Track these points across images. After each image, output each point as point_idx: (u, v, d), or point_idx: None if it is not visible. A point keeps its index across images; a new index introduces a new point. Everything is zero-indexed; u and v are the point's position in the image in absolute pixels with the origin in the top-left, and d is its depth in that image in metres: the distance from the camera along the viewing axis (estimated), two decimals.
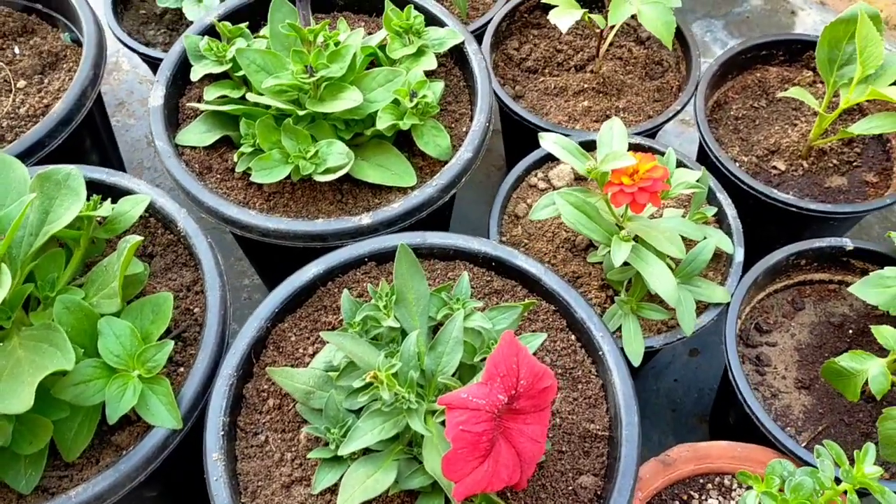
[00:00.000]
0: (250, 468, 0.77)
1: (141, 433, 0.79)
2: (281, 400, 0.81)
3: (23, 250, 0.77)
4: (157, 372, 0.77)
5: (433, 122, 0.96)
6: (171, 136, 0.97)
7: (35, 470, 0.76)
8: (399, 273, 0.78)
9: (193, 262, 0.90)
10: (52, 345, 0.72)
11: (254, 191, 0.96)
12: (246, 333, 0.82)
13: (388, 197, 0.95)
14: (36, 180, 0.78)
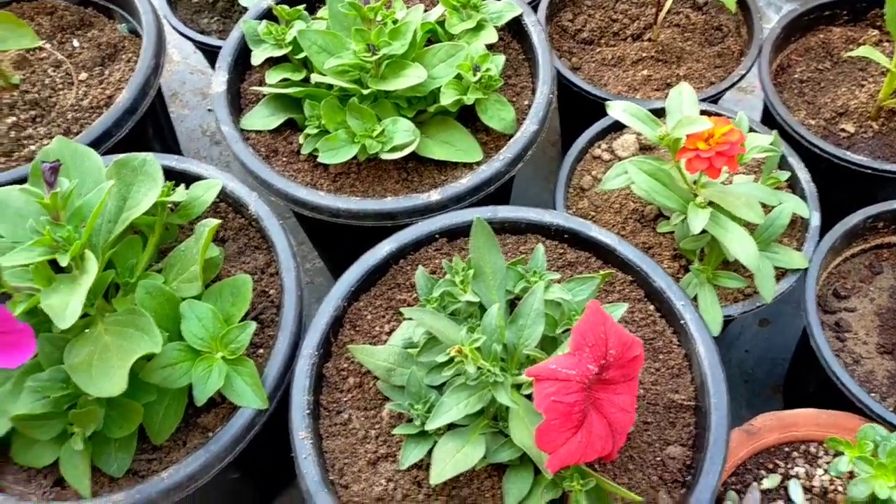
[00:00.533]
0: (335, 446, 0.77)
1: (226, 414, 0.79)
2: (361, 378, 0.81)
3: (102, 237, 0.78)
4: (240, 353, 0.78)
5: (496, 96, 0.95)
6: (235, 120, 0.97)
7: (125, 453, 0.77)
8: (475, 247, 0.77)
9: (266, 245, 0.90)
10: (138, 329, 0.73)
11: (320, 172, 0.96)
12: (324, 312, 0.82)
13: (455, 173, 0.94)
14: (113, 167, 0.79)
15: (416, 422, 0.75)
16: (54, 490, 0.78)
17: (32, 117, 1.05)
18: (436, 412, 0.71)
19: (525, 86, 1.02)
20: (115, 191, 0.78)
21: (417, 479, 0.75)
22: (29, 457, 0.77)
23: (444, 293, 0.78)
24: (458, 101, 0.92)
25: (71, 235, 0.72)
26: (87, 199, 0.75)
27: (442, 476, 0.67)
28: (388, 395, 0.80)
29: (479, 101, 0.93)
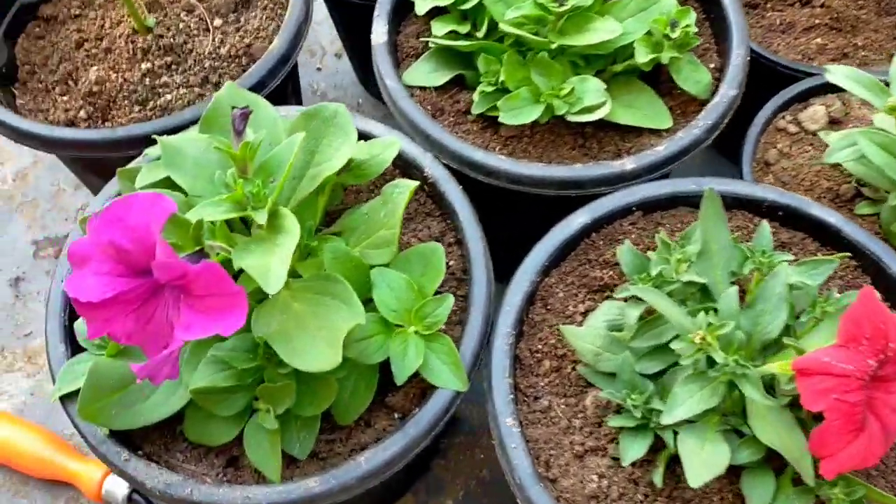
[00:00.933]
0: (538, 435, 0.70)
1: (417, 395, 0.72)
2: (559, 362, 0.74)
3: (284, 195, 0.71)
4: (436, 329, 0.71)
5: (689, 57, 0.87)
6: (398, 75, 0.89)
7: (309, 433, 0.70)
8: (704, 221, 0.70)
9: (440, 212, 0.83)
10: (334, 297, 0.66)
11: (490, 135, 0.88)
12: (518, 288, 0.75)
13: (640, 140, 0.86)
14: (301, 118, 0.71)
15: (636, 413, 0.68)
16: (228, 470, 0.71)
17: (167, 64, 0.97)
18: (670, 405, 0.64)
19: (707, 47, 0.93)
20: (301, 144, 0.70)
21: (633, 476, 0.69)
22: (204, 433, 0.70)
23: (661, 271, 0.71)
24: (653, 61, 0.84)
25: (260, 191, 0.64)
26: (276, 152, 0.67)
27: (700, 479, 0.60)
28: (592, 381, 0.73)
29: (673, 60, 0.85)
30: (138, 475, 0.68)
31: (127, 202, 0.55)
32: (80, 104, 0.96)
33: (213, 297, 0.55)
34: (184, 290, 0.56)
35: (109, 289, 0.56)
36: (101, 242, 0.56)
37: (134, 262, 0.56)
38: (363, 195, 0.85)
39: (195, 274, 0.53)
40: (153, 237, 0.54)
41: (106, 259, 0.56)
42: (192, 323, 0.55)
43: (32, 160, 1.40)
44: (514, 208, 0.85)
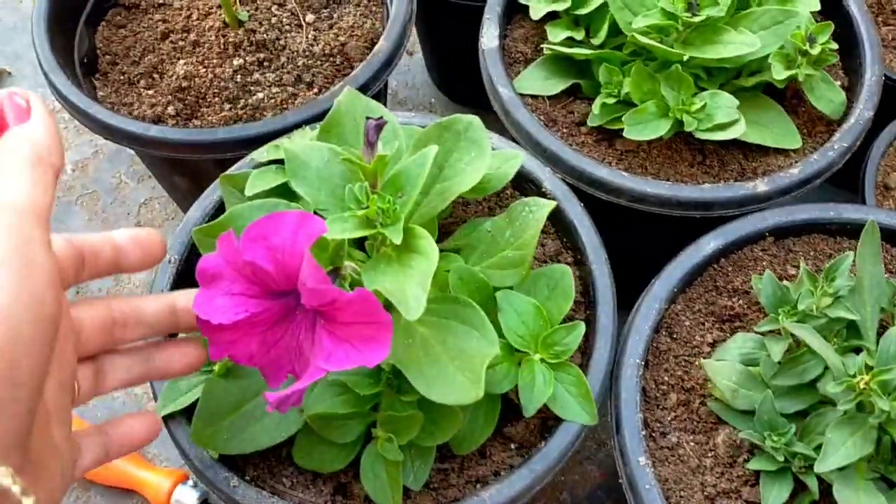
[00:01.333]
0: (667, 474, 0.66)
1: (538, 427, 0.68)
2: (687, 395, 0.70)
3: (409, 213, 0.67)
4: (565, 358, 0.66)
5: (823, 74, 0.82)
6: (511, 83, 0.85)
7: (424, 463, 0.66)
8: (861, 255, 0.65)
9: (556, 230, 0.78)
10: (464, 323, 0.62)
11: (605, 148, 0.83)
12: (647, 315, 0.71)
13: (766, 161, 0.82)
14: (433, 129, 0.67)
15: (778, 456, 0.64)
16: (336, 498, 0.67)
17: (259, 60, 0.93)
18: (825, 452, 0.60)
19: (833, 64, 0.89)
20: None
21: None
22: (315, 460, 0.66)
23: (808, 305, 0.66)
24: (789, 78, 0.79)
25: (391, 208, 0.60)
26: (406, 166, 0.63)
27: None
28: (724, 418, 0.69)
29: (806, 78, 0.80)
30: (247, 502, 0.64)
31: (273, 221, 0.51)
32: (168, 99, 0.92)
33: (358, 325, 0.51)
34: (325, 316, 0.52)
35: (242, 310, 0.53)
36: (237, 262, 0.52)
37: (272, 283, 0.52)
38: (471, 207, 0.81)
39: (347, 302, 0.49)
40: (298, 260, 0.50)
41: (239, 279, 0.53)
42: (333, 352, 0.51)
43: (93, 150, 1.37)
44: (631, 228, 0.81)
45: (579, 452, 1.04)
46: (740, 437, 0.67)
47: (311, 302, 0.50)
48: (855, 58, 0.86)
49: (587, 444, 1.05)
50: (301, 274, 0.50)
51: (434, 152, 0.62)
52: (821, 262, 0.75)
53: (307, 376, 0.52)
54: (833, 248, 0.76)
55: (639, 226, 0.82)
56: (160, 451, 1.05)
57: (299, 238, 0.50)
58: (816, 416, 0.65)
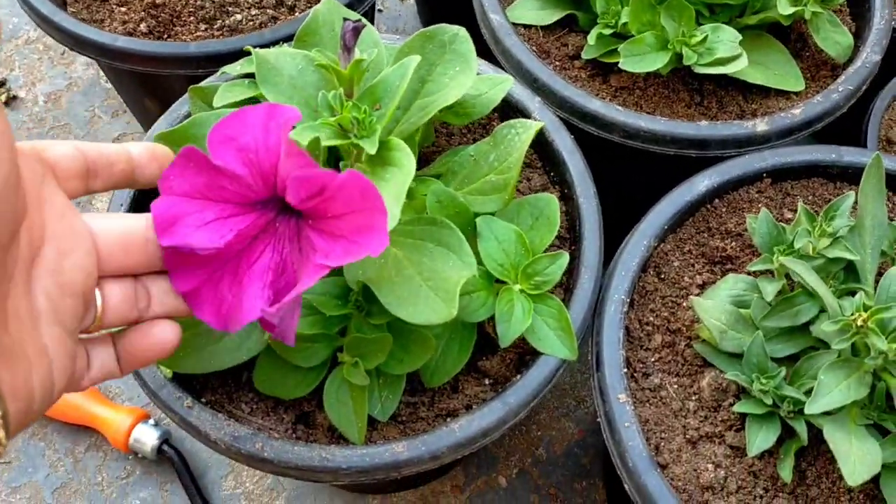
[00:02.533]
0: (648, 415, 0.63)
1: (514, 361, 0.65)
2: (672, 337, 0.67)
3: (387, 128, 0.63)
4: (545, 289, 0.63)
5: (829, 15, 0.78)
6: (504, 10, 0.81)
7: (393, 394, 0.63)
8: (864, 192, 0.62)
9: (541, 164, 0.74)
10: (440, 244, 0.58)
11: (598, 83, 0.79)
12: (634, 252, 0.67)
13: (766, 103, 0.78)
14: (416, 40, 0.63)
15: (766, 399, 0.61)
16: (298, 427, 0.64)
17: None
18: (816, 393, 0.57)
19: (839, 8, 0.85)
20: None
21: (753, 468, 0.61)
22: (276, 385, 0.63)
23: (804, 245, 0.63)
24: (795, 14, 0.75)
25: (367, 118, 0.56)
26: (385, 76, 0.59)
27: (860, 477, 0.53)
28: (711, 361, 0.65)
29: (812, 17, 0.76)
30: (202, 425, 0.60)
31: (240, 118, 0.45)
32: (141, 16, 0.87)
33: (351, 214, 0.45)
34: (313, 214, 0.46)
35: (226, 231, 0.46)
36: (197, 182, 0.46)
37: (247, 191, 0.46)
38: (455, 139, 0.77)
39: (338, 186, 0.43)
40: (274, 156, 0.45)
41: (208, 205, 0.46)
42: (329, 250, 0.45)
43: (67, 82, 1.32)
44: (623, 169, 0.77)
45: (557, 409, 1.01)
46: (727, 380, 0.63)
47: (299, 194, 0.44)
48: (863, 3, 0.82)
49: (565, 400, 1.01)
50: (282, 167, 0.45)
51: (416, 62, 0.58)
52: (819, 207, 0.72)
53: (305, 278, 0.46)
54: (832, 194, 0.72)
55: (631, 166, 0.78)
56: (123, 390, 1.01)
57: (272, 131, 0.45)
58: (808, 360, 0.61)
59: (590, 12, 0.79)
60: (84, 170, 0.45)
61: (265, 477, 0.94)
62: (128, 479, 0.94)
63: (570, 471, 0.97)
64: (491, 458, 0.98)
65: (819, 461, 0.61)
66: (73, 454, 0.96)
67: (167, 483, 0.94)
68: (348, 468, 0.58)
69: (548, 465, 0.97)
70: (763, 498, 0.61)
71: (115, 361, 0.46)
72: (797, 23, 0.80)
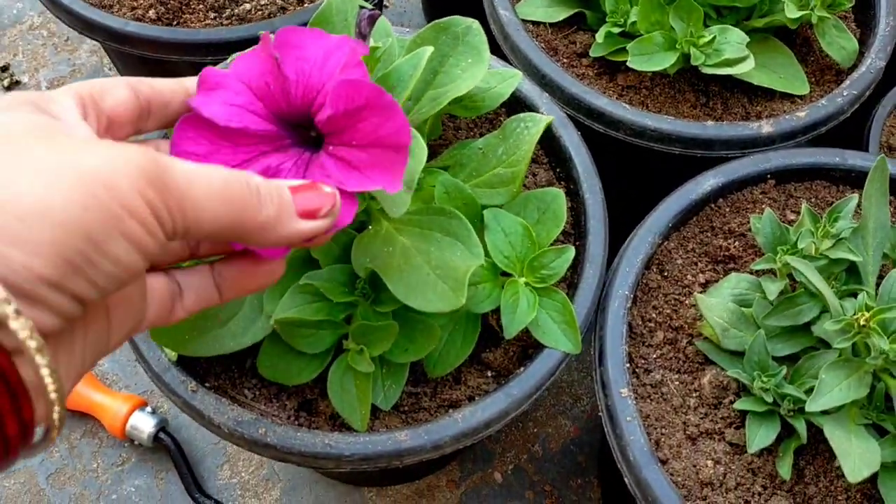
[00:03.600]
0: (649, 411, 0.63)
1: (518, 354, 0.65)
2: (674, 334, 0.67)
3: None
4: (551, 283, 0.63)
5: (835, 20, 0.79)
6: (513, 6, 0.81)
7: (396, 382, 0.63)
8: (868, 194, 0.62)
9: (548, 159, 0.75)
10: (448, 234, 0.58)
11: (605, 82, 0.80)
12: (639, 248, 0.68)
13: (771, 105, 0.79)
14: (430, 31, 0.63)
15: (766, 398, 0.61)
16: (301, 414, 0.64)
17: None
18: (817, 392, 0.57)
19: (845, 14, 0.86)
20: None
21: (752, 465, 0.62)
22: (280, 371, 0.63)
23: (808, 245, 0.63)
24: (802, 18, 0.76)
25: None
26: (399, 65, 0.59)
27: (860, 474, 0.53)
28: (712, 358, 0.66)
29: (820, 21, 0.77)
30: (206, 409, 0.60)
31: (312, 33, 0.44)
32: (150, 3, 0.87)
33: (375, 148, 0.44)
34: (338, 139, 0.44)
35: (237, 120, 0.45)
36: (252, 68, 0.45)
37: (282, 102, 0.45)
38: (462, 133, 0.78)
39: (380, 107, 0.42)
40: (325, 78, 0.43)
41: (245, 91, 0.45)
42: (343, 179, 0.44)
43: (70, 69, 1.31)
44: (628, 168, 0.78)
45: (554, 406, 1.01)
46: (727, 378, 0.64)
47: (339, 105, 0.43)
48: (868, 9, 0.83)
49: (562, 398, 1.02)
50: (330, 83, 0.43)
51: (429, 52, 0.58)
52: (821, 210, 0.73)
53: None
54: (835, 197, 0.73)
55: (637, 164, 0.79)
56: (120, 377, 1.01)
57: (336, 56, 0.44)
58: (809, 359, 0.62)
59: (598, 11, 0.80)
60: (137, 114, 0.42)
61: (261, 467, 0.94)
62: (123, 465, 0.94)
63: (565, 468, 0.97)
64: (487, 453, 0.98)
65: (817, 460, 0.62)
66: (68, 440, 0.96)
67: (162, 471, 0.93)
68: (350, 455, 0.59)
69: (543, 461, 0.98)
70: (761, 495, 0.61)
71: (215, 285, 0.43)
72: (803, 27, 0.81)
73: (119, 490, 0.92)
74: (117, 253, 0.32)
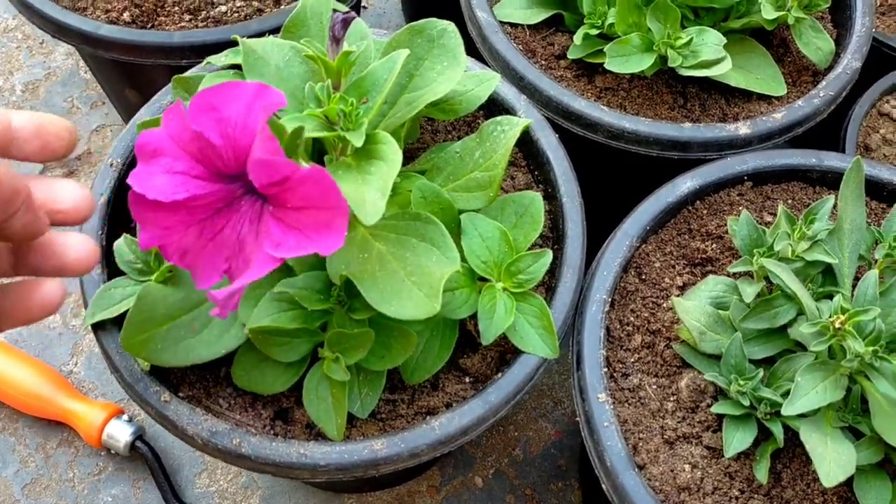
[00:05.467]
0: (627, 415, 0.63)
1: (495, 359, 0.65)
2: (652, 337, 0.67)
3: (373, 122, 0.62)
4: (528, 287, 0.63)
5: (811, 21, 0.79)
6: (491, 7, 0.81)
7: (373, 390, 0.62)
8: (844, 196, 0.62)
9: (527, 162, 0.74)
10: (423, 240, 0.58)
11: (584, 84, 0.80)
12: (616, 251, 0.67)
13: (748, 106, 0.79)
14: (405, 34, 0.62)
15: (743, 401, 0.61)
16: (276, 423, 0.63)
17: None
18: (793, 395, 0.57)
19: (821, 15, 0.86)
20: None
21: (729, 469, 0.62)
22: (255, 380, 0.62)
23: (784, 247, 0.63)
24: (779, 20, 0.76)
25: (354, 111, 0.56)
26: (373, 69, 0.59)
27: (835, 479, 0.53)
28: (689, 362, 0.66)
29: (797, 22, 0.77)
30: (179, 420, 0.59)
31: (227, 90, 0.45)
32: (125, 5, 0.86)
33: (311, 209, 0.46)
34: (275, 201, 0.46)
35: (182, 190, 0.47)
36: (182, 136, 0.47)
37: (219, 162, 0.47)
38: (440, 136, 0.77)
39: (300, 179, 0.44)
40: (250, 136, 0.45)
41: (183, 156, 0.47)
42: (283, 240, 0.46)
43: (45, 72, 1.30)
44: (606, 166, 0.77)
45: (535, 409, 1.01)
46: (705, 381, 0.64)
47: (261, 179, 0.45)
48: (844, 10, 0.83)
49: (543, 401, 1.01)
50: (253, 147, 0.45)
51: (404, 56, 0.58)
52: (798, 212, 0.73)
53: (255, 269, 0.47)
54: (812, 198, 0.73)
55: (615, 166, 0.78)
56: (97, 385, 0.99)
57: (255, 110, 0.45)
58: (785, 362, 0.62)
59: (576, 12, 0.80)
60: None
61: (239, 475, 0.93)
62: (100, 475, 0.92)
63: (546, 472, 0.97)
64: (467, 458, 0.97)
65: (794, 463, 0.62)
66: (44, 449, 0.94)
67: (140, 480, 0.92)
68: (326, 465, 0.58)
69: (524, 465, 0.97)
70: (739, 499, 0.61)
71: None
72: (780, 28, 0.81)
73: (96, 500, 0.91)
74: None
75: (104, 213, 0.67)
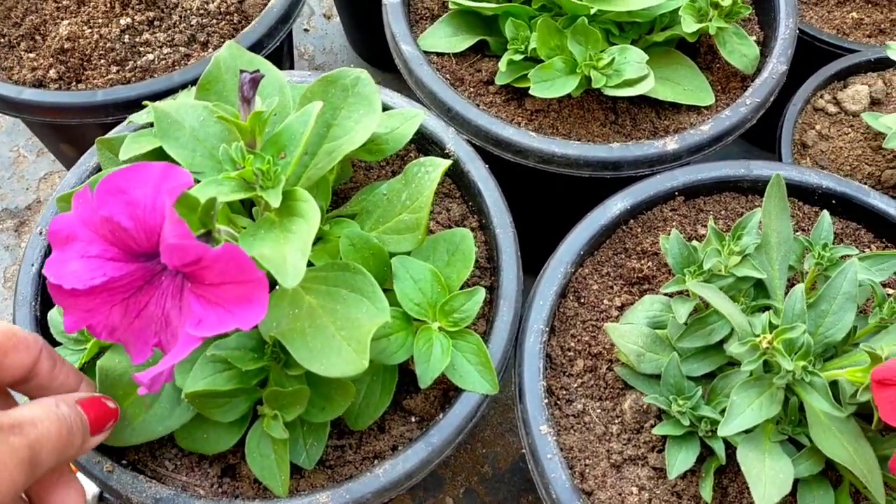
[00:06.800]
0: (572, 442, 0.64)
1: (439, 398, 0.65)
2: (594, 361, 0.67)
3: (296, 174, 0.62)
4: (464, 326, 0.63)
5: (735, 28, 0.79)
6: (415, 38, 0.80)
7: (317, 441, 0.63)
8: (767, 211, 0.63)
9: (460, 194, 0.75)
10: (353, 290, 0.58)
11: (514, 108, 0.80)
12: (552, 280, 0.68)
13: (678, 118, 0.79)
14: (318, 85, 0.62)
15: (683, 420, 0.62)
16: (224, 481, 0.63)
17: (149, 20, 0.87)
18: (729, 415, 0.58)
19: (748, 18, 0.86)
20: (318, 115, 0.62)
21: (676, 489, 0.62)
22: (198, 441, 0.62)
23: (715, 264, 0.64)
24: (699, 31, 0.76)
25: (271, 169, 0.56)
26: (289, 124, 0.58)
27: (770, 499, 0.54)
28: (631, 383, 0.66)
29: (718, 32, 0.78)
30: (124, 489, 0.59)
31: (133, 173, 0.46)
32: (50, 62, 0.85)
33: (228, 285, 0.46)
34: (192, 278, 0.47)
35: (98, 274, 0.48)
36: (93, 219, 0.47)
37: (132, 243, 0.47)
38: (374, 172, 0.77)
39: (213, 259, 0.44)
40: (160, 217, 0.45)
41: (96, 239, 0.48)
42: (204, 317, 0.46)
43: None
44: (542, 192, 0.78)
45: (501, 424, 1.01)
46: (646, 402, 0.64)
47: (174, 261, 0.45)
48: (769, 11, 0.84)
49: (509, 415, 1.02)
50: (163, 231, 0.45)
51: (318, 108, 0.58)
52: (732, 221, 0.73)
53: (179, 348, 0.47)
54: (745, 207, 0.74)
55: (550, 190, 0.79)
56: None
57: (162, 192, 0.46)
58: (723, 378, 0.63)
59: (501, 37, 0.80)
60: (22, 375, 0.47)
61: None
62: None
63: (515, 486, 0.98)
64: (437, 479, 0.98)
65: (739, 476, 0.63)
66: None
67: None
68: None
69: (494, 481, 0.98)
70: None
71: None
72: (706, 35, 0.81)
73: None
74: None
75: (36, 285, 0.66)
